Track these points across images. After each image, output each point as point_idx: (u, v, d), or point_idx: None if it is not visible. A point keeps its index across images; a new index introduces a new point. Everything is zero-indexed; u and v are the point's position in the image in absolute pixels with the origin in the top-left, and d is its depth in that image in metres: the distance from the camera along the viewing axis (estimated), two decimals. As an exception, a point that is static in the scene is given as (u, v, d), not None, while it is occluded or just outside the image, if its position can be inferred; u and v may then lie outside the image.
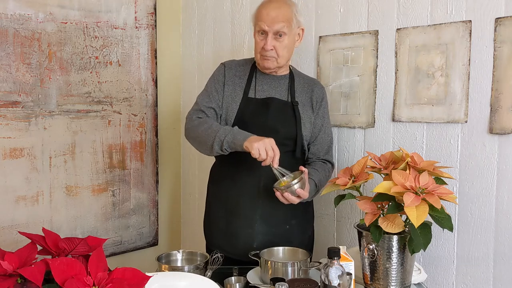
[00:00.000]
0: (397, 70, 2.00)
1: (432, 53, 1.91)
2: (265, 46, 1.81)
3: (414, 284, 1.64)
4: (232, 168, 1.90)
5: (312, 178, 1.85)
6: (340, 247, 1.46)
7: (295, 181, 1.71)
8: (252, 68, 1.95)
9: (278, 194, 1.73)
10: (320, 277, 1.37)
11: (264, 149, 1.65)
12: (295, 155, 1.90)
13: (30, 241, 1.37)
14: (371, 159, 1.70)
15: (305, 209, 1.97)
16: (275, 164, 1.67)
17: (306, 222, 2.01)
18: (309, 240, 2.03)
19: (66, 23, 2.30)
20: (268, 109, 1.88)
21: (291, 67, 2.00)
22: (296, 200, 1.74)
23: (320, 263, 1.66)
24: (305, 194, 1.74)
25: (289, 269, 1.59)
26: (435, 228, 1.54)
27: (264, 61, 1.86)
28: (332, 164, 2.02)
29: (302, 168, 1.77)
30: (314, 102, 1.95)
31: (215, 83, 1.93)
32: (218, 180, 1.99)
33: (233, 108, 1.89)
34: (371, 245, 1.54)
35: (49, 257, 1.31)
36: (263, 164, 1.67)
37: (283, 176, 1.74)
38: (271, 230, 1.88)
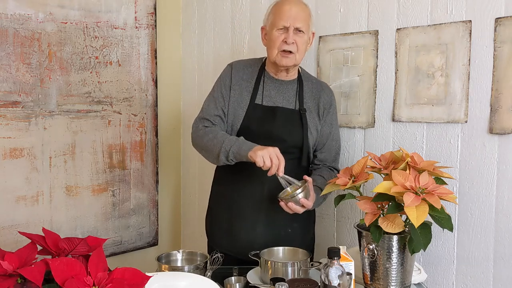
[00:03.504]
0: (397, 70, 2.00)
1: (432, 53, 1.90)
2: (287, 39, 1.78)
3: (414, 284, 1.64)
4: (237, 172, 1.88)
5: (318, 185, 1.84)
6: (340, 247, 1.46)
7: (299, 190, 1.71)
8: (260, 71, 1.92)
9: (282, 204, 1.73)
10: (320, 277, 1.37)
11: (269, 157, 1.63)
12: (301, 163, 1.89)
13: (30, 241, 1.37)
14: (371, 159, 1.69)
15: (308, 212, 1.96)
16: (281, 173, 1.66)
17: (308, 224, 2.01)
18: (310, 241, 2.03)
19: (66, 23, 2.30)
20: (275, 118, 1.86)
21: (300, 70, 1.97)
22: (300, 210, 1.74)
23: (320, 263, 1.66)
24: (309, 203, 1.73)
25: (289, 269, 1.59)
26: (435, 228, 1.53)
27: (283, 59, 1.81)
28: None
29: (306, 177, 1.76)
30: (321, 109, 1.92)
31: (222, 87, 1.90)
32: (222, 182, 1.98)
33: (239, 114, 1.86)
34: (371, 245, 1.54)
35: (49, 257, 1.30)
36: (269, 173, 1.65)
37: (289, 184, 1.74)
38: (273, 232, 1.88)
